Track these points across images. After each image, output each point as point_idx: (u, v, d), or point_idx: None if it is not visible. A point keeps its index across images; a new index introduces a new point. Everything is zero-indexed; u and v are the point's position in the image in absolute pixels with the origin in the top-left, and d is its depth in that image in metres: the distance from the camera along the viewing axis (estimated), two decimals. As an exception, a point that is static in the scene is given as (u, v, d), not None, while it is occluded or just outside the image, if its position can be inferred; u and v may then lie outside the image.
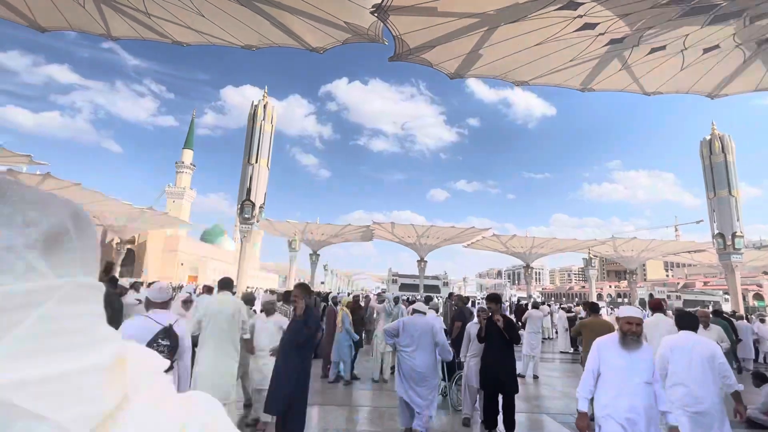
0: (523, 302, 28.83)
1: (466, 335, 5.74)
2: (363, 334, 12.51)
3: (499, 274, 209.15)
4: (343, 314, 8.33)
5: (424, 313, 5.37)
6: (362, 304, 16.84)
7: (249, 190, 21.89)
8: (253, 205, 21.64)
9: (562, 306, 24.43)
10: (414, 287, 57.64)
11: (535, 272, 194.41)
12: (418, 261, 53.34)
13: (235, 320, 4.75)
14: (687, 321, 4.29)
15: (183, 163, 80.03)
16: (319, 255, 52.47)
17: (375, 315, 13.60)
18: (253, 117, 22.85)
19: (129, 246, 54.20)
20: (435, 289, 62.52)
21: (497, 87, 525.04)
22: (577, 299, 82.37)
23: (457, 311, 9.11)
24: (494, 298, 5.27)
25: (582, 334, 6.90)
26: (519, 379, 7.72)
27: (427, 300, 11.18)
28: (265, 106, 23.19)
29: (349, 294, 10.71)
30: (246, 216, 21.56)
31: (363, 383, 8.41)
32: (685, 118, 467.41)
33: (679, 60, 11.07)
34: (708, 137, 24.46)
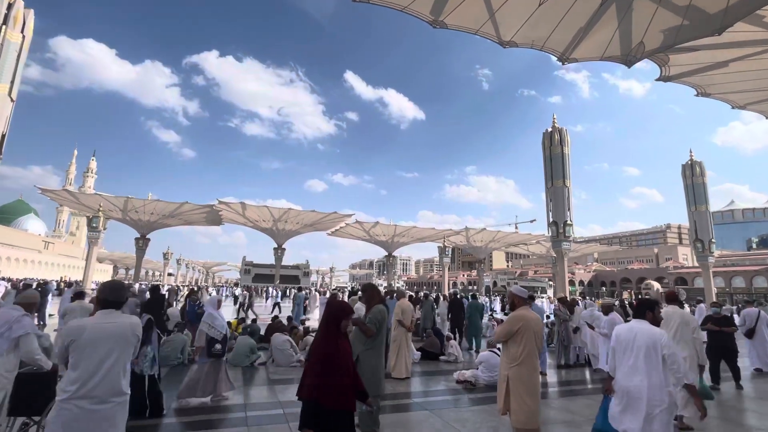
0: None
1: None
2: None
3: (370, 265, 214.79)
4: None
5: None
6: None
7: (-33, 127, 14.10)
8: (-25, 150, 13.97)
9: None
10: (270, 278, 52.16)
11: (403, 262, 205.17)
12: (274, 249, 48.05)
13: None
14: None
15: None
16: (148, 239, 42.72)
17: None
18: (-15, 17, 14.89)
19: None
20: (294, 279, 58.11)
21: (375, 85, 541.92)
22: (435, 287, 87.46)
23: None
24: None
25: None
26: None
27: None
28: (10, 6, 15.40)
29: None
30: (-41, 166, 13.76)
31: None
32: (525, 131, 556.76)
33: (538, -15, 8.97)
34: (549, 129, 25.53)
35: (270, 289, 41.24)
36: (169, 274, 68.26)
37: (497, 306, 24.33)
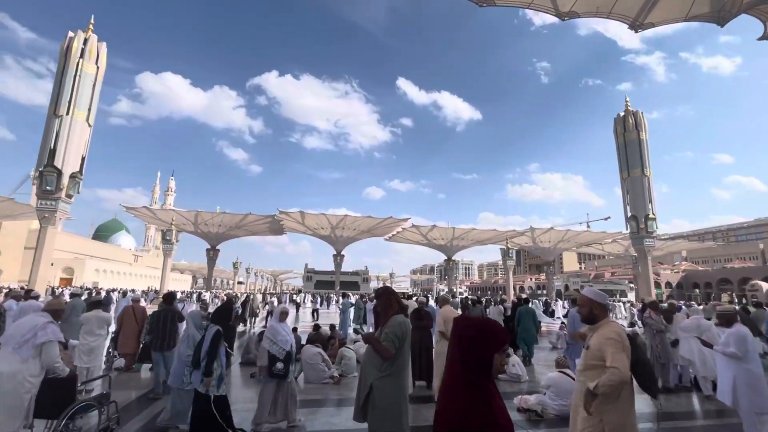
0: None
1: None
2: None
3: (431, 270, 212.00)
4: None
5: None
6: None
7: (53, 152, 15.57)
8: (59, 173, 15.36)
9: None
10: (330, 284, 53.06)
11: (465, 267, 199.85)
12: (333, 255, 48.74)
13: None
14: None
15: (59, 143, 66.99)
16: (218, 250, 45.52)
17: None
18: (65, 53, 16.48)
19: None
20: (354, 285, 58.65)
21: (428, 89, 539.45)
22: (500, 292, 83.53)
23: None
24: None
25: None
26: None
27: None
28: (86, 41, 16.90)
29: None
30: (48, 188, 15.21)
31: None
32: (592, 123, 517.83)
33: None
34: (622, 114, 22.79)
35: (331, 295, 41.81)
36: (239, 283, 72.53)
37: (559, 311, 21.89)
